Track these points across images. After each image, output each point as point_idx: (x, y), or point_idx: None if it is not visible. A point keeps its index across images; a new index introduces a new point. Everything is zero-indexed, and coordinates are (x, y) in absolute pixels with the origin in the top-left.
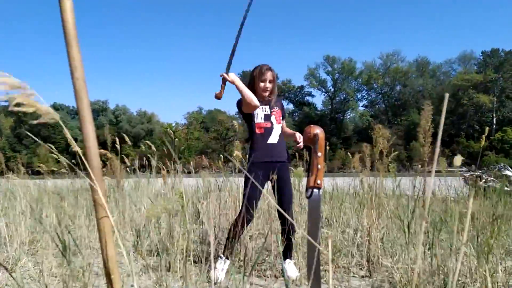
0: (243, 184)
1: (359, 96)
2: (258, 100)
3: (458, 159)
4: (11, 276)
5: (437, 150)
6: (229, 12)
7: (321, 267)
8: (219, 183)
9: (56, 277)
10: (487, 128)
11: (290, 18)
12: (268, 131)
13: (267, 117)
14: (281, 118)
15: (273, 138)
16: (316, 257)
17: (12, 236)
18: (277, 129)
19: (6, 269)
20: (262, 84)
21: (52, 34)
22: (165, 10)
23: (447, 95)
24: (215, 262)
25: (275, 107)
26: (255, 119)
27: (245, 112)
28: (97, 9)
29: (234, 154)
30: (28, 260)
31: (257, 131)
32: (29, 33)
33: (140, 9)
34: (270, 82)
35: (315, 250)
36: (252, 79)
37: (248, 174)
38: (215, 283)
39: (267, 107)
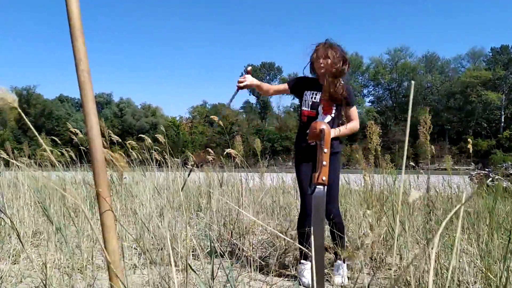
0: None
1: (365, 91)
2: (319, 84)
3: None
4: None
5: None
6: (234, 6)
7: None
8: (219, 178)
9: (59, 269)
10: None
11: (297, 11)
12: (311, 120)
13: (313, 106)
14: (332, 108)
15: None
16: (320, 256)
17: (16, 228)
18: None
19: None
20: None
21: (57, 26)
22: (170, 3)
23: (413, 83)
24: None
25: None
26: (303, 105)
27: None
28: (102, 2)
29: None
30: (31, 252)
31: (302, 118)
32: (35, 25)
33: (145, 1)
34: (325, 57)
35: (319, 248)
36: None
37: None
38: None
39: (319, 94)
